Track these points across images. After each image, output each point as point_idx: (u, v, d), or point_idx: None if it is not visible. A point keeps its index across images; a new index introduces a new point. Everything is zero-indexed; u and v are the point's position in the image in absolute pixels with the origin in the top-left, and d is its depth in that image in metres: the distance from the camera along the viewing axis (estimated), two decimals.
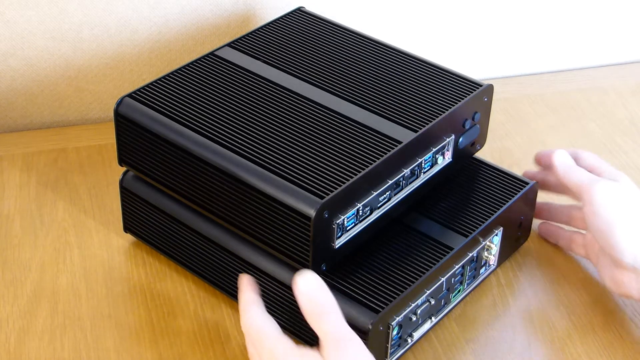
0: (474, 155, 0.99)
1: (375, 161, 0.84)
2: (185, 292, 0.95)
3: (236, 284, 0.91)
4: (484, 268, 0.94)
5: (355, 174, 0.83)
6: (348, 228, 0.84)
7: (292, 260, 0.84)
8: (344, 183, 0.82)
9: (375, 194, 0.85)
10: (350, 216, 0.83)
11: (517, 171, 1.12)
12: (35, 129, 1.18)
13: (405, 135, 0.87)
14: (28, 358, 0.88)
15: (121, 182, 0.97)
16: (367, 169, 0.83)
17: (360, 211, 0.84)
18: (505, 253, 0.97)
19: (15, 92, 1.16)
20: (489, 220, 0.92)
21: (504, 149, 1.16)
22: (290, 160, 0.84)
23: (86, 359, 0.88)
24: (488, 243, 0.92)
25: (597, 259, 0.94)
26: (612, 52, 1.34)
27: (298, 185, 0.82)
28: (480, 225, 0.91)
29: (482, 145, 0.98)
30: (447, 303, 0.91)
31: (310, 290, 0.77)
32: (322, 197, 0.80)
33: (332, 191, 0.81)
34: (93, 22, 1.13)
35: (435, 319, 0.89)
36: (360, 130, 0.88)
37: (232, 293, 0.92)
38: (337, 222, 0.82)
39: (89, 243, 1.00)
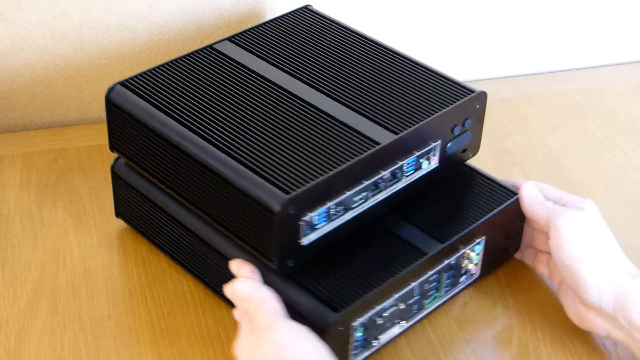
0: (466, 162, 0.97)
1: (349, 161, 0.83)
2: (185, 292, 0.95)
3: (212, 274, 0.92)
4: (464, 277, 0.93)
5: (327, 172, 0.82)
6: (318, 226, 0.83)
7: (259, 253, 0.84)
8: (313, 180, 0.81)
9: (348, 193, 0.84)
10: (320, 214, 0.83)
11: (517, 171, 1.12)
12: (35, 129, 1.18)
13: (384, 137, 0.86)
14: (28, 358, 0.88)
15: (112, 167, 0.98)
16: (339, 168, 0.83)
17: (332, 210, 0.84)
18: (491, 263, 0.95)
19: (15, 92, 1.16)
20: (469, 228, 0.90)
21: (504, 149, 1.16)
22: (264, 154, 0.85)
23: (86, 359, 0.88)
24: (468, 251, 0.91)
25: (559, 285, 0.93)
26: (612, 52, 1.34)
27: (266, 179, 0.82)
28: (458, 233, 0.90)
29: (475, 153, 0.97)
30: (420, 309, 0.90)
31: (239, 293, 0.83)
32: (288, 193, 0.80)
33: (299, 187, 0.81)
34: (93, 22, 1.14)
35: (407, 323, 0.89)
36: (339, 129, 0.88)
37: (207, 282, 0.93)
38: (305, 219, 0.82)
39: (89, 243, 1.00)
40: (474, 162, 1.05)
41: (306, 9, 1.06)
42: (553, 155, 1.15)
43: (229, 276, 0.89)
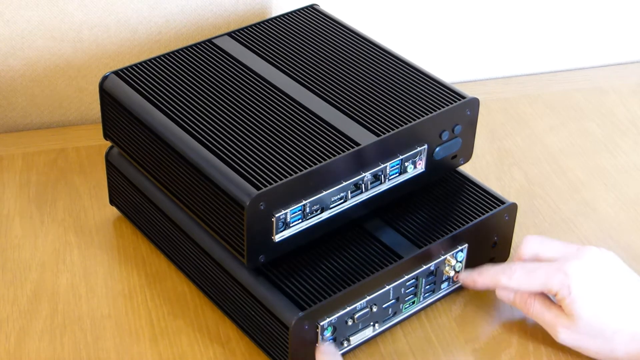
0: (461, 167, 0.97)
1: (325, 160, 0.83)
2: (185, 292, 0.95)
3: (194, 266, 0.92)
4: (446, 283, 0.92)
5: (301, 170, 0.82)
6: (292, 224, 0.83)
7: (230, 247, 0.84)
8: (286, 177, 0.81)
9: (325, 193, 0.84)
10: (294, 212, 0.83)
11: (517, 171, 1.12)
12: (35, 129, 1.18)
13: (365, 138, 0.86)
14: (28, 358, 0.88)
15: (107, 155, 1.00)
16: (315, 167, 0.82)
17: (308, 208, 0.84)
18: None
19: (15, 92, 1.16)
20: (449, 235, 0.89)
21: (504, 149, 1.16)
22: (241, 148, 0.85)
23: (86, 359, 0.88)
24: (449, 258, 0.90)
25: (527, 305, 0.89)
26: (612, 52, 1.34)
27: (240, 173, 0.82)
28: (438, 238, 0.89)
29: (466, 160, 0.95)
30: (397, 312, 0.89)
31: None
32: (259, 188, 0.80)
33: (271, 183, 0.81)
34: (93, 22, 1.14)
35: (381, 327, 0.88)
36: (321, 128, 0.88)
37: (187, 272, 0.94)
38: (278, 215, 0.82)
39: (89, 243, 1.00)
40: (473, 162, 1.05)
41: (311, 8, 1.06)
42: (553, 155, 1.15)
43: (207, 268, 0.90)
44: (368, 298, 0.85)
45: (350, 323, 0.85)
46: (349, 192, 0.86)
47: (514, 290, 0.89)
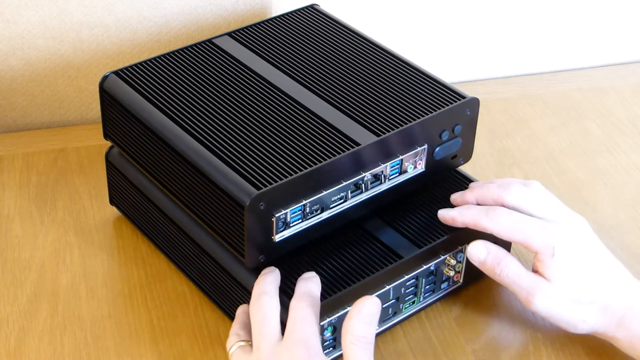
0: (461, 167, 0.97)
1: (325, 160, 0.83)
2: (185, 292, 0.95)
3: (194, 266, 0.92)
4: (446, 283, 0.92)
5: (301, 170, 0.82)
6: (292, 224, 0.83)
7: (230, 247, 0.84)
8: (286, 177, 0.81)
9: (325, 193, 0.84)
10: (295, 212, 0.83)
11: (517, 172, 1.12)
12: (35, 129, 1.18)
13: (365, 138, 0.86)
14: (28, 358, 0.88)
15: (107, 155, 1.00)
16: (314, 167, 0.82)
17: (308, 208, 0.84)
18: (476, 272, 0.93)
19: (15, 92, 1.16)
20: (449, 235, 0.89)
21: (504, 149, 1.16)
22: (241, 148, 0.85)
23: (86, 359, 0.88)
24: (449, 258, 0.91)
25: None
26: (612, 52, 1.34)
27: (240, 173, 0.82)
28: (438, 239, 0.89)
29: (466, 160, 0.95)
30: (397, 312, 0.89)
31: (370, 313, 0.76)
32: (259, 188, 0.80)
33: (271, 183, 0.81)
34: (93, 22, 1.14)
35: (381, 327, 0.88)
36: (321, 127, 0.87)
37: (187, 272, 0.94)
38: (278, 215, 0.82)
39: (89, 243, 1.00)
40: (473, 162, 1.05)
41: (311, 8, 1.06)
42: (553, 155, 1.15)
43: (207, 268, 0.90)
44: None
45: None
46: (349, 192, 0.86)
47: (493, 233, 0.86)
